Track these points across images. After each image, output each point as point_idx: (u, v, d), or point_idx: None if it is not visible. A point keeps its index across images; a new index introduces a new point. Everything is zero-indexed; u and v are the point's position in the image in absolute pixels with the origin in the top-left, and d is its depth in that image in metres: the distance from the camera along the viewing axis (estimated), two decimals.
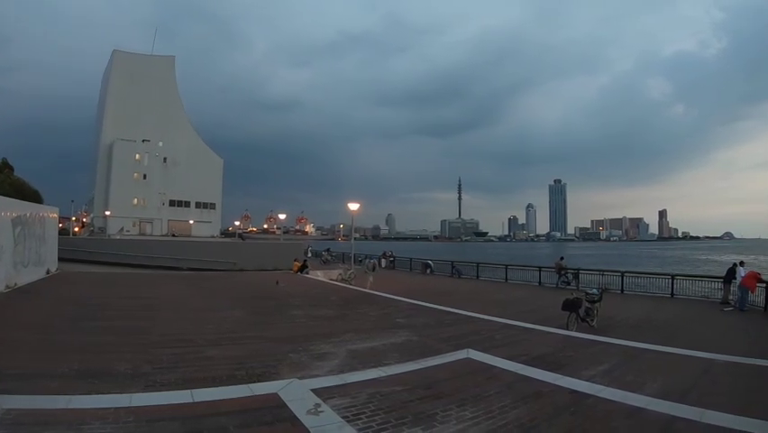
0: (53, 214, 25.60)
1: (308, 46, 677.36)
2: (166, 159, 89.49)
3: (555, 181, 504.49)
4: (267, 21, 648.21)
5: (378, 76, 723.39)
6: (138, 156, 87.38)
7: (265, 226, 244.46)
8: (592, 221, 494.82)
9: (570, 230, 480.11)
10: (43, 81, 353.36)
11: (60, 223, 37.36)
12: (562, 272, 26.24)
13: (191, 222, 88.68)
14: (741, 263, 19.36)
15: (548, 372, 7.89)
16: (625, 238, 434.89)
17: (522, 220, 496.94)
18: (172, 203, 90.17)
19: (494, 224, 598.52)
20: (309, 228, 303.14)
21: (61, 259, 27.35)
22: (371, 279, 24.50)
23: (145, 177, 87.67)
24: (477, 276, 31.60)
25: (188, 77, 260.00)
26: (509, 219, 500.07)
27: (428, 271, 36.22)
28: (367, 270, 26.02)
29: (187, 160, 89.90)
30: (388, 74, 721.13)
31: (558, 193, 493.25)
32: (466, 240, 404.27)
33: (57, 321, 11.80)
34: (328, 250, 52.30)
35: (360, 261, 36.33)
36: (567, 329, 12.63)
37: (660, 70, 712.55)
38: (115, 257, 36.00)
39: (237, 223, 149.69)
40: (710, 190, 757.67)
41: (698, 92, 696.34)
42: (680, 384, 7.45)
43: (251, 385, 6.83)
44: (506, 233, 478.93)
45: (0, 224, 17.22)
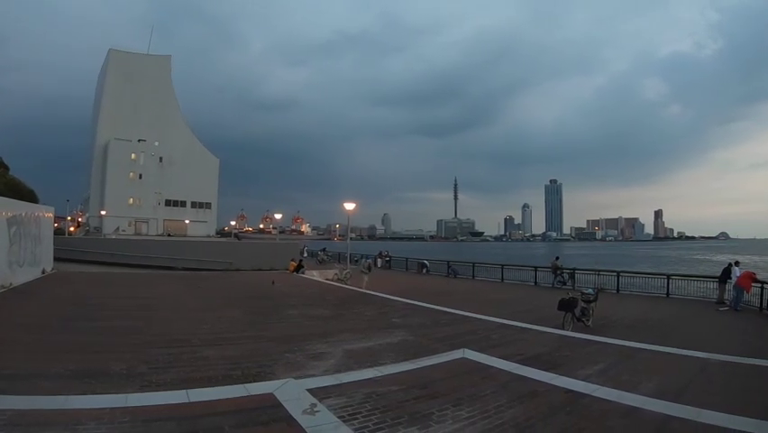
0: (49, 213, 25.48)
1: (304, 45, 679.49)
2: (162, 158, 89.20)
3: (551, 181, 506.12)
4: (263, 20, 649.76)
5: (374, 75, 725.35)
6: (134, 156, 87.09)
7: (261, 226, 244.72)
8: (588, 221, 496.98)
9: (566, 230, 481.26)
10: (38, 80, 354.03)
11: (56, 222, 37.27)
12: (558, 272, 26.31)
13: (187, 222, 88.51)
14: (736, 263, 19.48)
15: (544, 371, 7.89)
16: (620, 238, 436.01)
17: (518, 220, 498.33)
18: (168, 203, 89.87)
19: (490, 224, 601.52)
20: (305, 228, 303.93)
21: (57, 259, 27.27)
22: (367, 279, 24.52)
23: (141, 176, 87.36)
24: (473, 276, 31.66)
25: (185, 76, 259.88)
26: (505, 219, 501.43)
27: (424, 271, 36.30)
28: (363, 270, 26.01)
29: (183, 159, 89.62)
30: (384, 74, 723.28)
31: (554, 193, 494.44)
32: (462, 240, 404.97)
33: (52, 321, 11.74)
34: (324, 250, 52.28)
35: (356, 261, 36.38)
36: (563, 329, 12.66)
37: (656, 71, 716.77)
38: (111, 257, 35.87)
39: (233, 223, 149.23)
40: (706, 191, 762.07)
41: (693, 93, 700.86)
42: (675, 384, 7.46)
43: (247, 385, 6.80)
44: (502, 233, 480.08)
45: None
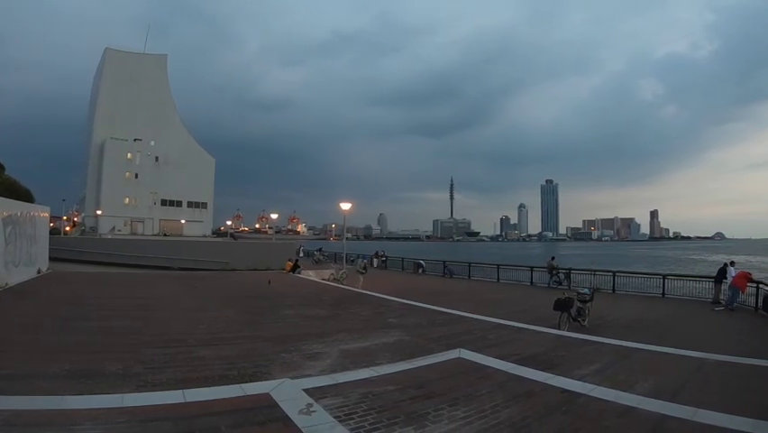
0: (44, 213, 25.36)
1: (301, 45, 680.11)
2: (158, 158, 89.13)
3: (547, 181, 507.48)
4: (260, 19, 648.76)
5: (371, 75, 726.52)
6: (129, 155, 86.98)
7: (257, 226, 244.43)
8: (584, 221, 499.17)
9: (561, 230, 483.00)
10: (34, 79, 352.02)
11: (51, 222, 37.08)
12: (554, 272, 26.38)
13: (183, 221, 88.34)
14: (732, 263, 19.57)
15: (540, 371, 7.89)
16: (616, 238, 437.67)
17: (514, 220, 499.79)
18: (164, 202, 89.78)
19: (486, 224, 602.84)
20: (301, 228, 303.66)
21: (52, 258, 27.11)
22: (362, 279, 24.50)
23: (137, 176, 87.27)
24: (469, 276, 31.74)
25: (181, 75, 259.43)
26: (501, 219, 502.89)
27: (420, 270, 36.35)
28: (359, 270, 25.96)
29: (179, 159, 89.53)
30: (380, 73, 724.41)
31: (550, 193, 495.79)
32: (458, 240, 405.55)
33: (48, 321, 11.68)
34: (320, 250, 52.29)
35: (352, 260, 36.36)
36: (559, 329, 12.70)
37: (652, 71, 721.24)
38: (107, 257, 35.75)
39: (229, 222, 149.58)
40: (702, 191, 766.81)
41: (689, 93, 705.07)
42: (671, 383, 7.47)
43: (243, 385, 6.78)
44: (498, 233, 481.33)
45: None
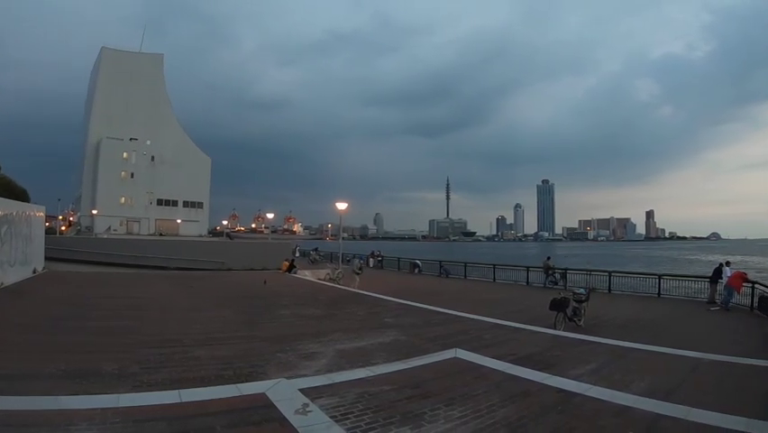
0: (40, 213, 25.26)
1: (297, 45, 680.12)
2: (153, 157, 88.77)
3: (543, 182, 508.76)
4: (255, 19, 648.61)
5: (367, 75, 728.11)
6: (125, 154, 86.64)
7: (253, 226, 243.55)
8: (580, 221, 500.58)
9: (557, 230, 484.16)
10: (30, 78, 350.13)
11: (47, 222, 36.96)
12: (550, 272, 26.40)
13: (179, 221, 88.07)
14: (727, 264, 19.64)
15: (536, 371, 7.91)
16: (612, 238, 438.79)
17: (510, 220, 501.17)
18: (160, 202, 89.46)
19: (482, 224, 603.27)
20: (297, 228, 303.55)
21: (48, 258, 27.05)
22: (358, 279, 24.46)
23: (133, 175, 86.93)
24: (465, 276, 31.75)
25: (177, 75, 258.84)
26: (497, 219, 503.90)
27: (416, 270, 36.36)
28: (355, 270, 25.86)
29: (175, 158, 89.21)
30: (377, 73, 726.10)
31: (546, 193, 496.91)
32: (454, 240, 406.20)
33: (43, 321, 11.64)
34: (316, 249, 52.19)
35: (348, 260, 36.33)
36: (555, 329, 12.71)
37: (648, 72, 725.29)
38: (102, 256, 35.56)
39: (225, 222, 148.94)
40: (697, 191, 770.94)
41: (685, 94, 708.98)
42: (666, 383, 7.49)
43: (239, 385, 6.78)
44: (494, 233, 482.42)
45: None
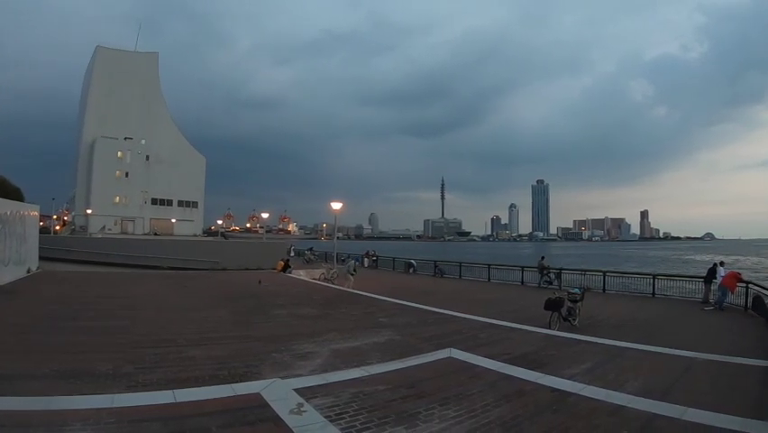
0: (34, 212, 25.14)
1: (292, 44, 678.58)
2: (148, 157, 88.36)
3: (538, 182, 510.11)
4: (251, 18, 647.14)
5: (362, 75, 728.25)
6: (120, 154, 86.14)
7: (248, 225, 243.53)
8: (574, 221, 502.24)
9: (552, 230, 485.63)
10: (24, 76, 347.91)
11: (41, 221, 36.76)
12: (545, 272, 26.45)
13: (173, 221, 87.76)
14: (721, 264, 19.72)
15: (530, 370, 7.93)
16: (607, 238, 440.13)
17: (505, 220, 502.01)
18: (154, 201, 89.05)
19: (477, 223, 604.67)
20: (292, 227, 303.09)
21: (42, 258, 26.91)
22: (352, 280, 24.35)
23: (127, 175, 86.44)
24: (460, 276, 31.78)
25: (172, 73, 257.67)
26: (492, 219, 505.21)
27: (411, 270, 36.38)
28: (350, 272, 25.59)
29: (170, 158, 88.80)
30: (372, 73, 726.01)
31: (541, 193, 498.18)
32: (449, 240, 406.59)
33: (38, 321, 11.55)
34: (311, 249, 52.19)
35: (342, 260, 36.28)
36: (549, 328, 12.75)
37: (643, 73, 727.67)
38: (97, 256, 35.48)
39: (220, 222, 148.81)
40: (691, 192, 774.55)
41: (680, 95, 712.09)
42: (661, 382, 7.53)
43: (234, 385, 6.77)
44: (488, 232, 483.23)
45: None
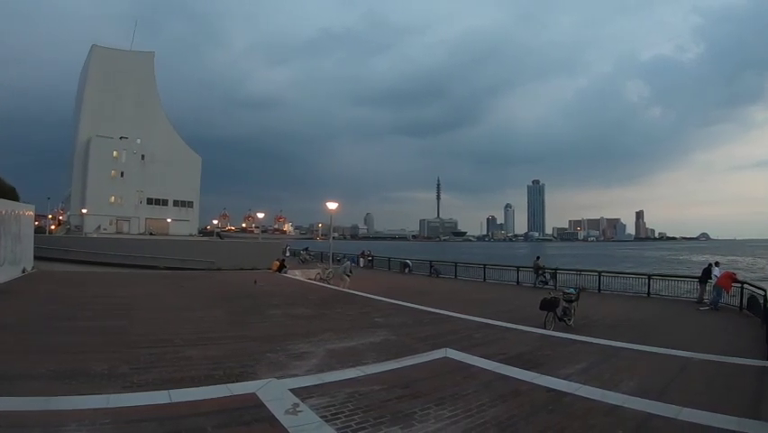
0: (29, 211, 25.06)
1: (289, 44, 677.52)
2: (144, 156, 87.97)
3: (534, 182, 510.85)
4: (247, 18, 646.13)
5: (359, 75, 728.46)
6: (115, 153, 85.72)
7: (243, 225, 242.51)
8: (570, 221, 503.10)
9: (548, 230, 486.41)
10: (18, 74, 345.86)
11: (36, 221, 36.69)
12: (540, 272, 26.48)
13: (169, 220, 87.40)
14: (716, 264, 19.78)
15: (526, 370, 7.96)
16: (602, 238, 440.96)
17: (500, 220, 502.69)
18: (150, 201, 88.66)
19: (473, 223, 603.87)
20: (288, 227, 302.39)
21: (37, 257, 26.84)
22: (348, 280, 24.26)
23: (122, 174, 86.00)
24: (455, 276, 31.76)
25: (168, 73, 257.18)
26: (488, 219, 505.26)
27: (407, 270, 36.35)
28: (346, 273, 25.34)
29: (166, 157, 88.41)
30: (369, 72, 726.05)
31: (536, 193, 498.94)
32: (445, 240, 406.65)
33: (33, 321, 11.52)
34: (307, 249, 52.04)
35: (338, 260, 36.25)
36: (545, 328, 12.76)
37: (638, 74, 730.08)
38: (92, 256, 35.35)
39: (215, 222, 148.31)
40: (686, 192, 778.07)
41: (675, 95, 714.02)
42: (656, 382, 7.56)
43: (230, 385, 6.77)
44: (484, 232, 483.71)
45: None
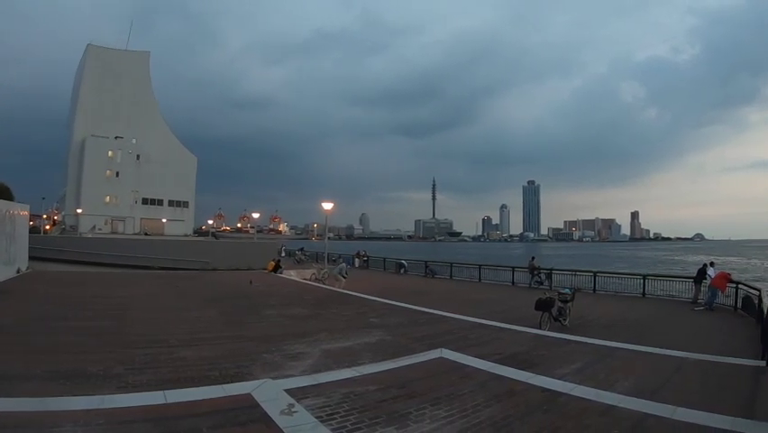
0: (24, 211, 24.97)
1: (284, 44, 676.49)
2: (139, 156, 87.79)
3: (529, 182, 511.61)
4: (243, 17, 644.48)
5: (354, 75, 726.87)
6: (111, 153, 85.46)
7: (239, 225, 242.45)
8: (565, 222, 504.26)
9: (543, 230, 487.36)
10: (14, 73, 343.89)
11: (31, 221, 36.50)
12: (535, 272, 26.53)
13: (164, 220, 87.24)
14: (711, 264, 19.87)
15: (521, 370, 7.97)
16: (597, 239, 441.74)
17: (496, 220, 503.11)
18: (145, 201, 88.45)
19: (468, 224, 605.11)
20: (283, 227, 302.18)
21: (32, 258, 26.71)
22: (344, 281, 24.23)
23: (118, 174, 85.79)
24: (450, 276, 31.79)
25: (164, 72, 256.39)
26: (483, 219, 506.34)
27: (402, 270, 36.35)
28: (343, 275, 25.19)
29: (161, 157, 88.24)
30: (364, 72, 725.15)
31: (532, 194, 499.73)
32: (440, 240, 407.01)
33: (27, 321, 11.45)
34: (302, 249, 52.06)
35: (333, 260, 36.22)
36: (540, 328, 12.80)
37: (633, 74, 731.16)
38: (87, 256, 35.21)
39: (210, 222, 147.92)
40: (681, 193, 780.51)
41: (670, 96, 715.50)
42: (651, 382, 7.58)
43: (225, 386, 6.76)
44: (479, 233, 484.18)
45: None
